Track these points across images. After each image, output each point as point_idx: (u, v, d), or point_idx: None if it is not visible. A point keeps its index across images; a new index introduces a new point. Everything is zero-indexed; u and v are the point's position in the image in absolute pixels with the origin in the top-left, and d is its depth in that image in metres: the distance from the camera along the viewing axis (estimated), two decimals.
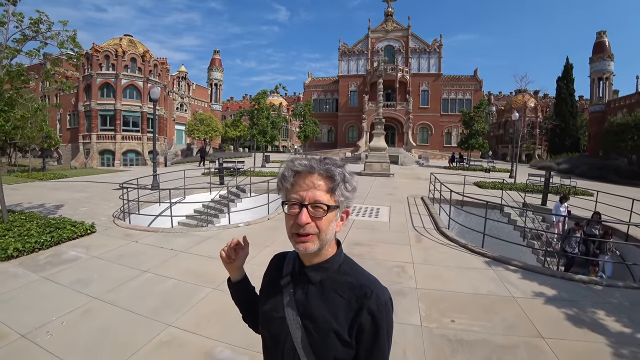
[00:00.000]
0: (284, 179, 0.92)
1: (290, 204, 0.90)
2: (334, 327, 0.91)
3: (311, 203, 0.88)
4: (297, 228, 0.89)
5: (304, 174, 0.91)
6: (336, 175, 0.91)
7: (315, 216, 0.89)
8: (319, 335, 0.92)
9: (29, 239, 5.90)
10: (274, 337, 0.98)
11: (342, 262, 1.00)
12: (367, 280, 0.98)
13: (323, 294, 0.95)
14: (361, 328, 0.91)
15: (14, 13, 6.79)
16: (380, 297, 0.94)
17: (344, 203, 0.95)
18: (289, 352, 0.94)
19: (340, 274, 0.98)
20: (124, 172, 23.26)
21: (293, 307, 0.96)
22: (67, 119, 36.44)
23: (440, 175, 15.50)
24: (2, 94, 6.85)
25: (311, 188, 0.89)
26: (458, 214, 10.31)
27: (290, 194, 0.91)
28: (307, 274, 0.97)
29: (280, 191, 0.96)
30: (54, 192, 13.13)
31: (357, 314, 0.91)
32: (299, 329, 0.93)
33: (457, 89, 45.07)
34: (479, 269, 5.14)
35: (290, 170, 0.92)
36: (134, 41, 35.30)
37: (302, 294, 0.96)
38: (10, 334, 3.30)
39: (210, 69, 50.76)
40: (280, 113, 35.52)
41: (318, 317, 0.92)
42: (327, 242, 0.94)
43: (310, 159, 0.92)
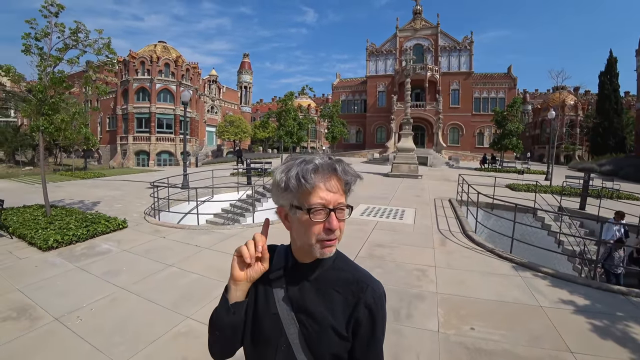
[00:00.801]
0: (305, 180, 0.83)
1: (316, 209, 0.84)
2: (331, 322, 0.90)
3: (337, 207, 0.86)
4: (329, 234, 0.85)
5: (324, 175, 0.86)
6: (351, 176, 0.90)
7: (340, 219, 0.87)
8: (315, 331, 0.91)
9: (68, 232, 6.33)
10: (266, 334, 0.94)
11: (336, 258, 0.99)
12: (362, 275, 0.97)
13: (319, 290, 0.94)
14: (358, 322, 0.91)
15: (56, 24, 7.30)
16: (376, 290, 0.94)
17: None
18: (283, 349, 0.92)
19: (336, 269, 0.97)
20: (157, 171, 24.36)
21: (287, 303, 0.94)
22: (106, 121, 38.73)
23: (471, 177, 15.00)
24: (46, 99, 7.40)
25: (334, 191, 0.86)
26: (487, 218, 9.91)
27: (312, 198, 0.84)
28: (303, 271, 0.95)
29: (287, 193, 0.86)
30: (93, 190, 13.99)
31: (355, 308, 0.91)
32: (294, 325, 0.92)
33: (489, 87, 43.35)
34: (505, 275, 4.89)
35: (310, 172, 0.84)
36: (167, 47, 36.87)
37: (297, 290, 0.94)
38: (46, 316, 3.59)
39: (240, 72, 52.13)
40: (307, 114, 35.83)
41: (315, 313, 0.91)
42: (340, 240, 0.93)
43: (323, 159, 0.88)
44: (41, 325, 3.42)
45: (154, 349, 3.01)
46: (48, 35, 7.26)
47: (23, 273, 4.86)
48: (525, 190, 13.88)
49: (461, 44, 42.74)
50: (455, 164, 31.23)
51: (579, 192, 11.78)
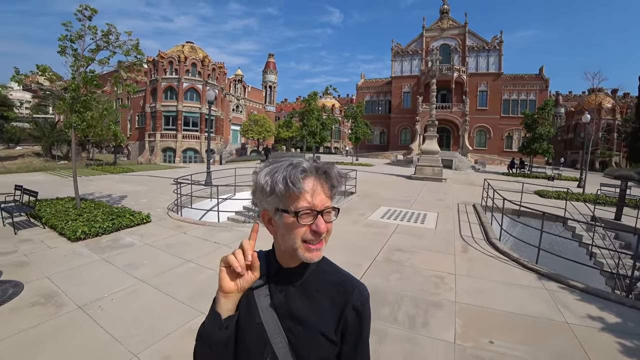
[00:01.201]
0: (293, 184, 0.81)
1: (302, 213, 0.82)
2: (319, 327, 0.89)
3: (323, 210, 0.85)
4: (316, 236, 0.84)
5: (311, 178, 0.84)
6: (339, 179, 0.89)
7: (328, 221, 0.86)
8: (304, 338, 0.88)
9: (95, 224, 6.60)
10: (249, 346, 0.90)
11: (320, 261, 0.95)
12: (347, 277, 0.98)
13: (304, 294, 0.92)
14: (346, 324, 0.91)
15: (89, 27, 7.64)
16: (363, 292, 0.95)
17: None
18: (269, 359, 0.88)
19: (320, 273, 0.95)
20: (182, 168, 25.09)
21: (271, 311, 0.90)
22: (136, 119, 40.22)
23: (497, 182, 14.51)
24: (78, 97, 7.77)
25: (320, 193, 0.85)
26: (513, 225, 9.52)
27: (300, 202, 0.82)
28: (288, 276, 0.93)
29: (273, 197, 0.84)
30: (121, 185, 14.56)
31: (342, 310, 0.91)
32: (280, 334, 0.88)
33: (519, 89, 41.81)
34: (529, 287, 4.65)
35: (298, 175, 0.82)
36: (194, 47, 37.85)
37: (282, 296, 0.91)
38: (70, 304, 3.77)
39: (265, 71, 52.83)
40: (331, 115, 35.82)
41: (303, 320, 0.89)
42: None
43: (307, 162, 0.87)
44: (65, 312, 3.59)
45: (168, 342, 3.07)
46: (82, 37, 7.61)
47: (52, 262, 5.10)
48: (555, 198, 13.26)
49: (490, 44, 41.43)
50: (481, 167, 30.31)
51: (614, 201, 11.10)
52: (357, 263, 5.26)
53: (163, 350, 2.95)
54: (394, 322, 3.53)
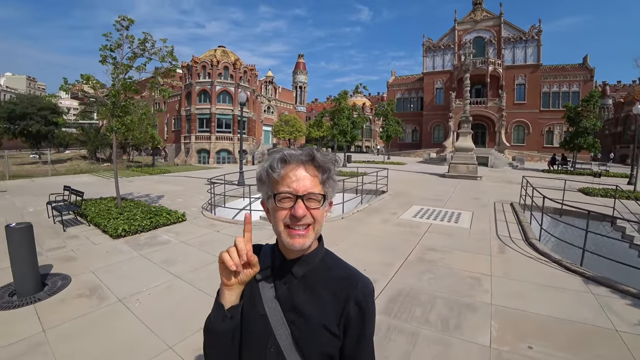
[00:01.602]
0: (272, 170, 0.86)
1: (283, 196, 0.85)
2: (321, 320, 0.89)
3: (306, 194, 0.85)
4: (293, 220, 0.85)
5: (295, 164, 0.87)
6: (330, 166, 0.89)
7: (311, 207, 0.86)
8: (306, 330, 0.88)
9: (134, 222, 6.97)
10: (253, 337, 0.92)
11: (325, 255, 0.98)
12: (351, 271, 0.97)
13: (307, 287, 0.92)
14: (349, 319, 0.90)
15: (127, 36, 8.07)
16: (367, 287, 0.94)
17: (330, 194, 0.92)
18: (272, 351, 0.89)
19: (324, 267, 0.96)
20: (216, 169, 25.92)
21: (275, 303, 0.91)
22: (172, 122, 42.06)
23: (537, 179, 13.73)
24: (118, 103, 8.24)
25: (303, 179, 0.86)
26: (555, 225, 8.96)
27: (280, 186, 0.86)
28: (290, 268, 0.93)
29: (263, 185, 0.90)
30: (158, 185, 15.27)
31: (345, 305, 0.90)
32: (284, 326, 0.89)
33: (560, 80, 39.26)
34: (573, 291, 4.34)
35: (281, 160, 0.87)
36: (226, 51, 38.96)
37: (285, 289, 0.92)
38: (111, 296, 4.01)
39: (295, 72, 53.38)
40: (361, 113, 35.53)
41: (305, 312, 0.89)
42: (318, 234, 0.93)
43: (296, 150, 0.88)
44: (107, 304, 3.82)
45: (200, 336, 3.16)
46: (120, 46, 8.04)
47: (96, 257, 5.44)
48: (602, 196, 12.33)
49: (527, 34, 39.20)
50: (519, 164, 28.80)
51: None
52: (389, 262, 5.17)
53: (196, 343, 3.05)
54: (426, 323, 3.42)
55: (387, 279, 4.57)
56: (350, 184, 12.48)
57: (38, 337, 3.15)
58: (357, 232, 7.00)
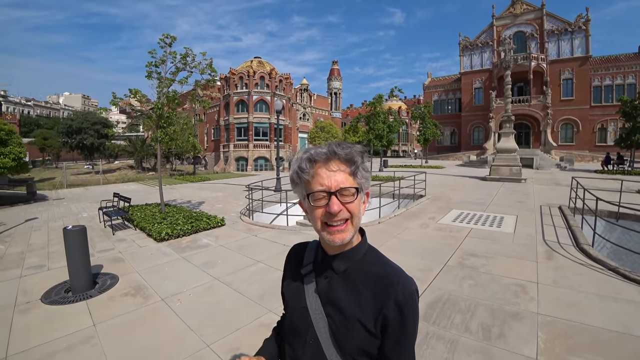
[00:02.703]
0: (302, 171, 0.88)
1: (315, 195, 0.87)
2: (358, 316, 0.88)
3: (338, 190, 0.86)
4: (330, 217, 0.87)
5: (322, 162, 0.88)
6: (356, 157, 0.89)
7: (346, 201, 0.86)
8: (343, 324, 0.89)
9: (176, 227, 7.34)
10: (297, 329, 0.97)
11: (367, 252, 0.97)
12: (392, 270, 0.93)
13: (347, 283, 0.92)
14: (387, 319, 0.88)
15: (170, 52, 8.61)
16: (407, 287, 0.90)
17: (364, 185, 0.92)
18: (311, 343, 0.92)
19: (365, 263, 0.94)
20: (253, 176, 26.68)
21: (316, 297, 0.94)
22: (211, 132, 43.95)
23: (588, 180, 12.75)
24: (163, 115, 8.78)
25: (334, 174, 0.87)
26: (611, 230, 8.23)
27: (313, 185, 0.88)
28: (331, 263, 0.94)
29: (297, 187, 0.92)
30: (199, 192, 15.99)
31: (383, 304, 0.88)
32: (323, 319, 0.91)
33: (614, 72, 36.03)
34: (633, 302, 3.91)
35: (308, 161, 0.88)
36: (262, 62, 40.18)
37: (326, 283, 0.94)
38: (154, 295, 4.25)
39: (330, 79, 53.85)
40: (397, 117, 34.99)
41: (342, 307, 0.90)
42: (358, 227, 0.92)
43: (322, 147, 0.90)
44: (151, 302, 4.05)
45: (238, 336, 3.26)
46: (164, 62, 8.60)
47: (141, 259, 5.79)
48: None
49: (574, 25, 36.47)
50: (568, 165, 26.82)
51: None
52: (428, 267, 5.02)
53: (233, 342, 3.13)
54: (467, 331, 3.26)
55: (425, 284, 4.42)
56: (387, 188, 12.30)
57: (89, 330, 3.42)
58: (395, 237, 6.86)
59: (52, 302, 4.11)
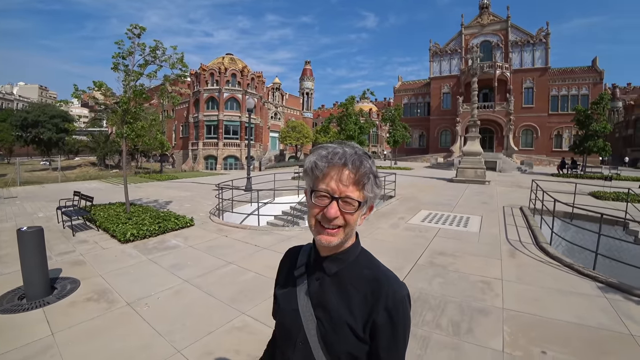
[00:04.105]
0: (316, 167, 0.87)
1: (319, 194, 0.86)
2: (348, 320, 0.87)
3: (342, 197, 0.85)
4: (325, 220, 0.86)
5: (338, 165, 0.86)
6: (368, 171, 0.87)
7: (345, 211, 0.86)
8: (332, 328, 0.88)
9: (143, 227, 7.02)
10: (288, 330, 0.96)
11: (359, 254, 0.96)
12: (384, 274, 0.93)
13: (338, 285, 0.92)
14: (376, 324, 0.87)
15: (138, 44, 8.22)
16: (398, 293, 0.89)
17: (371, 199, 0.91)
18: (301, 345, 0.91)
19: (357, 266, 0.94)
20: (223, 175, 26.06)
21: (307, 299, 0.93)
22: (180, 129, 42.53)
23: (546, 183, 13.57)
24: (129, 110, 8.36)
25: (344, 182, 0.85)
26: (566, 229, 8.82)
27: (321, 183, 0.86)
28: (323, 265, 0.93)
29: (307, 177, 0.91)
30: (167, 191, 15.41)
31: (373, 309, 0.87)
32: (312, 321, 0.90)
33: (569, 83, 38.90)
34: (587, 295, 4.24)
35: (325, 159, 0.86)
36: (234, 59, 39.41)
37: (317, 285, 0.93)
38: (120, 300, 4.03)
39: (302, 79, 53.68)
40: (368, 118, 35.51)
41: (332, 309, 0.89)
42: (350, 236, 0.92)
43: (343, 150, 0.87)
44: (116, 308, 3.83)
45: (210, 340, 3.16)
46: (132, 54, 8.19)
47: (105, 261, 5.48)
48: (614, 199, 12.11)
49: (535, 38, 39.02)
50: (528, 169, 28.50)
51: None
52: (399, 266, 5.12)
53: (205, 347, 3.04)
54: (438, 327, 3.37)
55: None
56: None
57: (47, 340, 3.17)
58: (366, 237, 6.95)
59: (3, 311, 3.77)
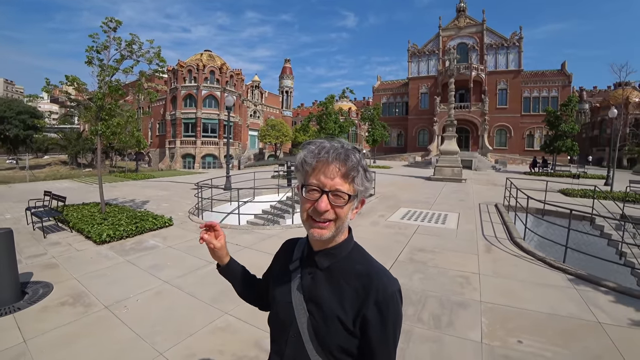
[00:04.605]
0: (305, 162, 0.89)
1: (310, 188, 0.88)
2: (338, 313, 0.89)
3: (332, 191, 0.86)
4: (316, 214, 0.88)
5: (326, 159, 0.87)
6: (357, 164, 0.89)
7: (336, 204, 0.87)
8: (322, 321, 0.89)
9: (119, 227, 6.80)
10: (282, 323, 0.98)
11: (352, 249, 0.98)
12: (375, 269, 0.94)
13: (330, 280, 0.93)
14: (366, 319, 0.88)
15: (114, 38, 7.93)
16: (388, 287, 0.90)
17: (362, 193, 0.92)
18: (293, 337, 0.93)
19: (350, 261, 0.95)
20: (202, 174, 25.56)
21: (300, 292, 0.95)
22: (156, 127, 41.36)
23: (519, 181, 14.10)
24: (104, 106, 8.06)
25: (333, 175, 0.87)
26: (538, 224, 9.20)
27: (311, 178, 0.88)
28: (315, 259, 0.95)
29: (298, 173, 0.93)
30: (143, 190, 14.96)
31: (363, 303, 0.88)
32: (305, 315, 0.92)
33: (540, 86, 40.61)
34: (558, 287, 4.48)
35: (313, 154, 0.88)
36: (212, 55, 38.66)
37: (310, 279, 0.95)
38: (97, 304, 3.88)
39: (282, 77, 53.37)
40: (347, 117, 35.72)
41: (323, 303, 0.91)
42: (341, 230, 0.93)
43: (332, 145, 0.89)
44: (93, 311, 3.69)
45: (192, 341, 3.11)
46: (107, 48, 7.88)
47: (80, 263, 5.27)
48: (581, 196, 12.76)
49: (509, 41, 40.47)
50: (502, 167, 29.55)
51: None
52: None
53: (188, 348, 2.99)
54: (419, 321, 3.46)
55: None
56: None
57: (19, 348, 3.02)
58: None
59: None
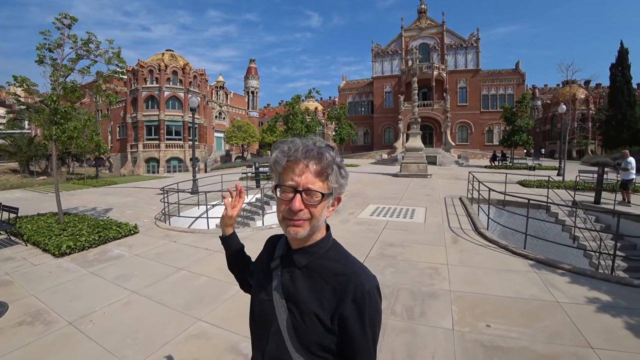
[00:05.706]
0: (277, 162, 0.89)
1: (283, 188, 0.89)
2: (316, 311, 0.89)
3: (305, 190, 0.87)
4: (290, 214, 0.88)
5: (297, 158, 0.88)
6: (331, 162, 0.89)
7: (309, 203, 0.87)
8: (301, 318, 0.90)
9: (80, 238, 6.41)
10: (263, 320, 0.98)
11: (330, 247, 0.98)
12: (353, 267, 0.95)
13: (309, 278, 0.94)
14: (344, 316, 0.87)
15: (69, 35, 7.43)
16: (365, 285, 0.90)
17: (337, 190, 0.93)
18: (274, 334, 0.94)
19: (327, 259, 0.96)
20: (167, 178, 24.62)
21: (279, 290, 0.95)
22: (116, 130, 39.36)
23: (481, 174, 14.80)
24: (58, 109, 7.54)
25: (305, 174, 0.87)
26: (499, 215, 9.73)
27: (284, 178, 0.89)
28: (293, 258, 0.96)
29: (273, 174, 0.94)
30: (105, 197, 14.19)
31: (341, 301, 0.88)
32: (284, 312, 0.92)
33: (497, 84, 42.93)
34: (520, 272, 4.78)
35: (284, 154, 0.88)
36: (175, 55, 37.34)
37: (288, 277, 0.96)
38: (60, 320, 3.64)
39: (247, 77, 52.55)
40: (314, 117, 35.81)
41: (301, 301, 0.91)
42: (317, 228, 0.93)
43: (303, 144, 0.89)
44: (55, 329, 3.47)
45: (166, 351, 3.01)
46: (61, 46, 7.39)
47: (37, 279, 4.93)
48: (537, 187, 13.63)
49: (467, 42, 42.49)
50: (464, 162, 30.88)
51: (593, 186, 11.50)
52: None
53: (162, 359, 2.89)
54: (393, 314, 3.56)
55: None
56: None
57: None
58: None
59: None
